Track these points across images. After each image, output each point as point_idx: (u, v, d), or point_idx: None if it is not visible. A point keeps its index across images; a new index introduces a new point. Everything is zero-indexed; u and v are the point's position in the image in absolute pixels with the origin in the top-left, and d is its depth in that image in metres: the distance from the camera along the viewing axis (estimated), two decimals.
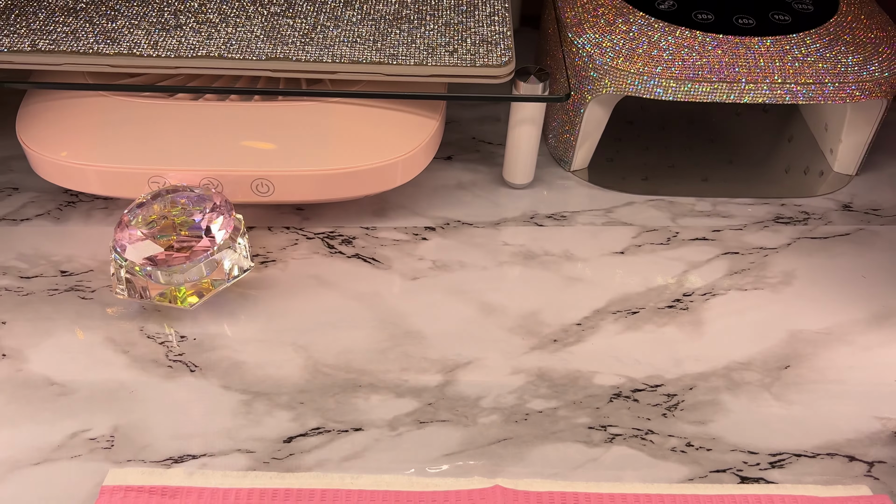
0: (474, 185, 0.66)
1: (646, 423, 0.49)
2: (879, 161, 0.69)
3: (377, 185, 0.58)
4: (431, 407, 0.49)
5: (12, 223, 0.61)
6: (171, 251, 0.51)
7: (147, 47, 0.56)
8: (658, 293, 0.57)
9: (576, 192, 0.65)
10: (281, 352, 0.52)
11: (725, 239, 0.61)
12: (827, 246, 0.61)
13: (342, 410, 0.49)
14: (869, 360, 0.53)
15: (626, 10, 0.61)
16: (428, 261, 0.59)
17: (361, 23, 0.59)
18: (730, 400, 0.50)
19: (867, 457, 0.47)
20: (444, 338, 0.53)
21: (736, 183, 0.67)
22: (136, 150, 0.56)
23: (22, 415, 0.48)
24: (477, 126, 0.72)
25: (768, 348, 0.53)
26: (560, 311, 0.55)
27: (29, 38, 0.56)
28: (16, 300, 0.55)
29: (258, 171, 0.55)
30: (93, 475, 0.45)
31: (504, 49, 0.57)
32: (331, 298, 0.56)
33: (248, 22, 0.58)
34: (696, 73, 0.58)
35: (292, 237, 0.61)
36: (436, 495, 0.44)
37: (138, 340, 0.53)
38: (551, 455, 0.47)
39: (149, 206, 0.53)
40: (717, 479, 0.46)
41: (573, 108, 0.63)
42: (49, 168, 0.57)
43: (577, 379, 0.51)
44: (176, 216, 0.52)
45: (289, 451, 0.47)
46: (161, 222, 0.52)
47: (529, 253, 0.60)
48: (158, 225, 0.52)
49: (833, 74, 0.58)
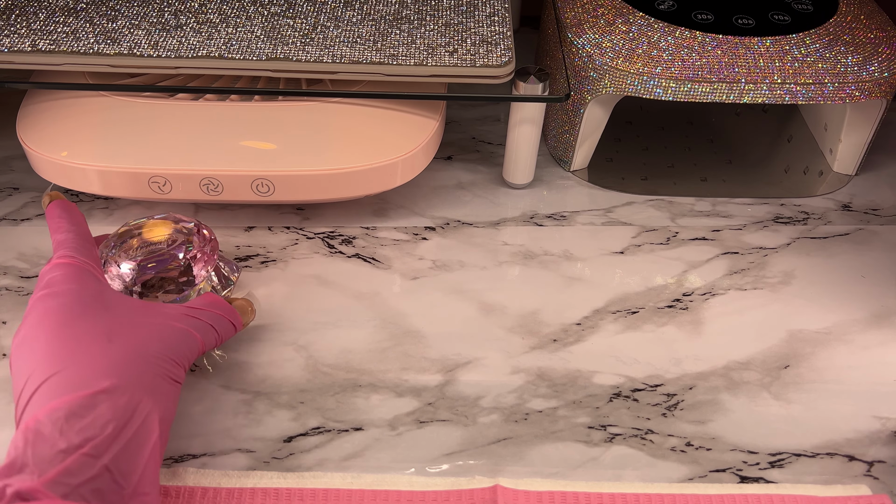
0: (474, 185, 0.66)
1: (645, 423, 0.49)
2: (879, 161, 0.69)
3: (377, 185, 0.58)
4: (431, 406, 0.49)
5: (13, 223, 0.61)
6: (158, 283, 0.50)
7: (147, 47, 0.56)
8: (658, 293, 0.57)
9: (575, 192, 0.65)
10: (281, 352, 0.52)
11: (725, 239, 0.61)
12: (826, 246, 0.61)
13: (342, 410, 0.49)
14: (868, 360, 0.53)
15: (625, 10, 0.61)
16: (428, 261, 0.59)
17: (361, 23, 0.59)
18: (729, 399, 0.50)
19: (867, 456, 0.47)
20: (443, 337, 0.53)
21: (735, 183, 0.67)
22: (136, 150, 0.56)
23: None
24: (477, 126, 0.72)
25: (768, 348, 0.53)
26: (560, 310, 0.55)
27: (29, 38, 0.56)
28: (16, 300, 0.55)
29: (258, 171, 0.55)
30: None
31: (504, 49, 0.57)
32: (331, 298, 0.56)
33: (248, 22, 0.58)
34: (696, 73, 0.58)
35: (292, 237, 0.61)
36: (436, 495, 0.44)
37: None
38: (551, 455, 0.47)
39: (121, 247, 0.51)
40: (716, 478, 0.46)
41: (573, 108, 0.63)
42: (49, 168, 0.57)
43: (577, 379, 0.51)
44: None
45: (289, 450, 0.47)
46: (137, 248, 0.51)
47: (529, 253, 0.60)
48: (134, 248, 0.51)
49: (833, 75, 0.58)
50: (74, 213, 0.49)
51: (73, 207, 0.50)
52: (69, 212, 0.49)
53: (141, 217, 0.53)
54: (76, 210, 0.50)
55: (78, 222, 0.49)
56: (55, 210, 0.49)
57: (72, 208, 0.50)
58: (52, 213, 0.49)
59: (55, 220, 0.48)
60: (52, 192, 0.51)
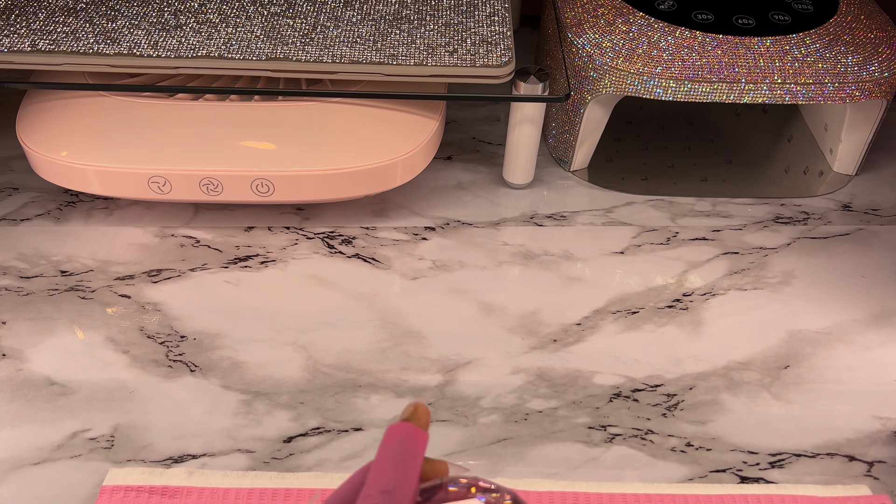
0: (474, 185, 0.66)
1: (646, 423, 0.49)
2: (879, 161, 0.69)
3: (377, 185, 0.58)
4: (431, 407, 0.49)
5: (12, 223, 0.61)
6: None
7: (147, 47, 0.56)
8: (658, 293, 0.57)
9: (575, 192, 0.65)
10: (281, 352, 0.52)
11: (725, 239, 0.61)
12: (826, 246, 0.61)
13: (342, 410, 0.49)
14: (868, 360, 0.53)
15: (625, 10, 0.61)
16: (428, 261, 0.59)
17: (361, 23, 0.59)
18: (729, 400, 0.50)
19: (867, 456, 0.47)
20: (443, 338, 0.53)
21: (735, 183, 0.67)
22: (136, 150, 0.56)
23: (22, 415, 0.48)
24: (477, 126, 0.72)
25: (768, 348, 0.53)
26: (560, 310, 0.55)
27: (29, 38, 0.56)
28: (16, 300, 0.55)
29: (258, 171, 0.55)
30: (93, 475, 0.45)
31: (504, 49, 0.57)
32: (331, 298, 0.56)
33: (248, 22, 0.58)
34: (696, 73, 0.58)
35: (292, 237, 0.61)
36: None
37: (138, 340, 0.53)
38: (551, 455, 0.47)
39: None
40: (716, 478, 0.46)
41: (573, 108, 0.63)
42: (49, 168, 0.57)
43: (577, 379, 0.51)
44: None
45: (289, 450, 0.47)
46: None
47: (529, 253, 0.60)
48: None
49: (833, 74, 0.58)
50: (414, 457, 0.35)
51: (421, 447, 0.35)
52: (411, 454, 0.35)
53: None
54: (422, 451, 0.35)
55: (411, 471, 0.34)
56: (398, 441, 0.35)
57: (418, 449, 0.35)
58: (394, 441, 0.35)
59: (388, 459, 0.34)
60: (419, 404, 0.37)
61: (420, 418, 0.36)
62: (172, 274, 0.57)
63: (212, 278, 0.57)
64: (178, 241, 0.60)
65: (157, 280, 0.57)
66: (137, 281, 0.57)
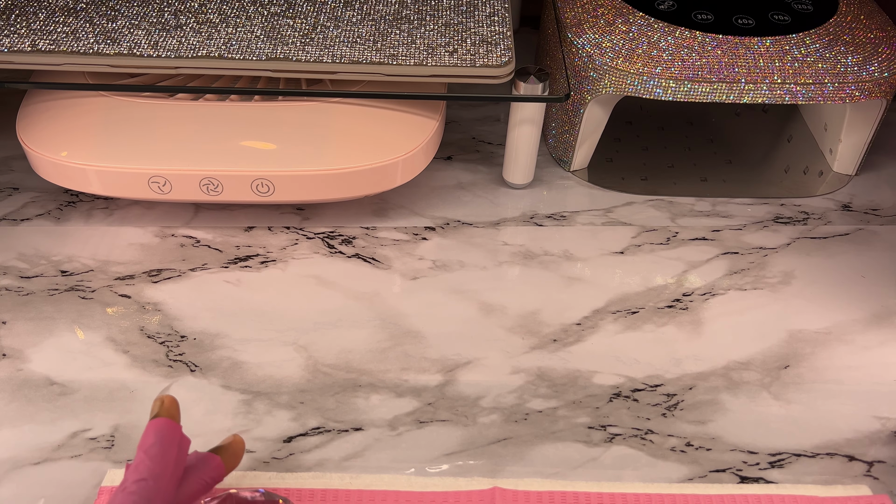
0: (474, 185, 0.66)
1: (645, 423, 0.49)
2: (879, 161, 0.69)
3: (377, 185, 0.58)
4: (431, 407, 0.49)
5: (12, 223, 0.61)
6: None
7: (147, 47, 0.56)
8: (657, 293, 0.57)
9: (575, 192, 0.65)
10: (281, 352, 0.52)
11: (725, 239, 0.61)
12: (826, 246, 0.61)
13: (342, 410, 0.49)
14: (868, 360, 0.53)
15: (625, 10, 0.61)
16: (428, 261, 0.59)
17: (361, 23, 0.59)
18: (729, 400, 0.50)
19: (867, 456, 0.47)
20: (443, 338, 0.53)
21: (735, 183, 0.67)
22: (136, 150, 0.56)
23: (22, 415, 0.48)
24: (477, 126, 0.72)
25: (767, 348, 0.53)
26: (560, 310, 0.55)
27: (29, 38, 0.56)
28: (16, 300, 0.55)
29: (258, 171, 0.55)
30: (93, 475, 0.45)
31: (504, 49, 0.57)
32: (331, 298, 0.56)
33: (248, 22, 0.58)
34: (696, 73, 0.58)
35: (292, 237, 0.61)
36: (435, 496, 0.44)
37: (138, 340, 0.53)
38: (551, 455, 0.47)
39: None
40: (716, 478, 0.46)
41: (573, 108, 0.63)
42: (49, 168, 0.57)
43: (577, 379, 0.51)
44: None
45: (289, 450, 0.47)
46: None
47: (529, 253, 0.60)
48: None
49: (833, 75, 0.58)
50: (168, 447, 0.39)
51: (174, 436, 0.40)
52: (164, 445, 0.39)
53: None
54: (176, 439, 0.40)
55: (166, 459, 0.39)
56: (151, 435, 0.39)
57: (171, 439, 0.40)
58: (148, 435, 0.40)
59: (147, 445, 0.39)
60: (164, 397, 0.41)
61: (168, 410, 0.40)
62: (172, 274, 0.57)
63: (212, 278, 0.57)
64: (178, 241, 0.60)
65: (157, 280, 0.57)
66: (137, 281, 0.57)
